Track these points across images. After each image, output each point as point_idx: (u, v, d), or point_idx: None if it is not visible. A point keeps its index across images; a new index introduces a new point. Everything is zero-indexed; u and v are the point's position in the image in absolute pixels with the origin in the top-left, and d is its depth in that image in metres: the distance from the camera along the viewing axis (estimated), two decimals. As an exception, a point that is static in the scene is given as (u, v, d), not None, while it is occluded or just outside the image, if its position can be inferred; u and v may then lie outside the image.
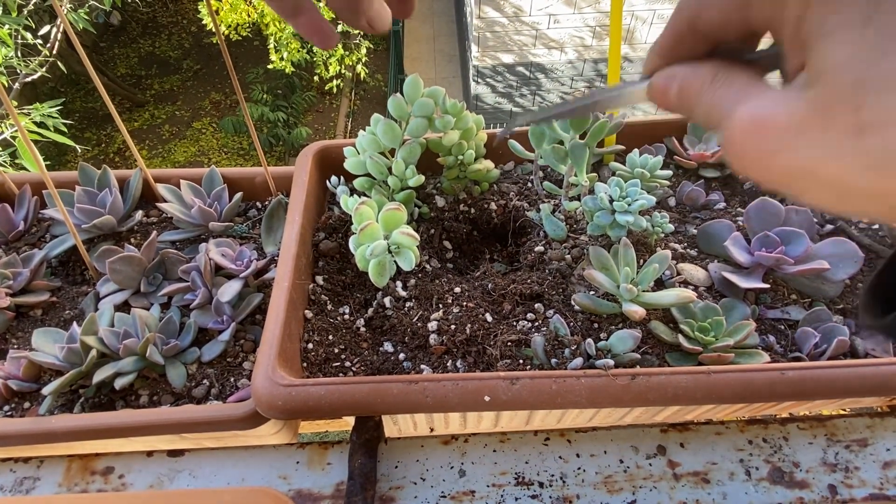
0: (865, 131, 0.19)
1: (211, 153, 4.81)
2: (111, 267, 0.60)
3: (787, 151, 0.22)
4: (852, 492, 0.52)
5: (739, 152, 0.23)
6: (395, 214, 0.49)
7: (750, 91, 0.24)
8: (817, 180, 0.22)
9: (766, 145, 0.22)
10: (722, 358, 0.50)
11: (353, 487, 0.51)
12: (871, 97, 0.19)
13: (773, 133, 0.22)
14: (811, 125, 0.21)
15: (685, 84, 0.27)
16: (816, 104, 0.21)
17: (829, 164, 0.21)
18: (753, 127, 0.23)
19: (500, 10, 4.17)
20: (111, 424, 0.50)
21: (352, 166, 0.57)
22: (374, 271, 0.49)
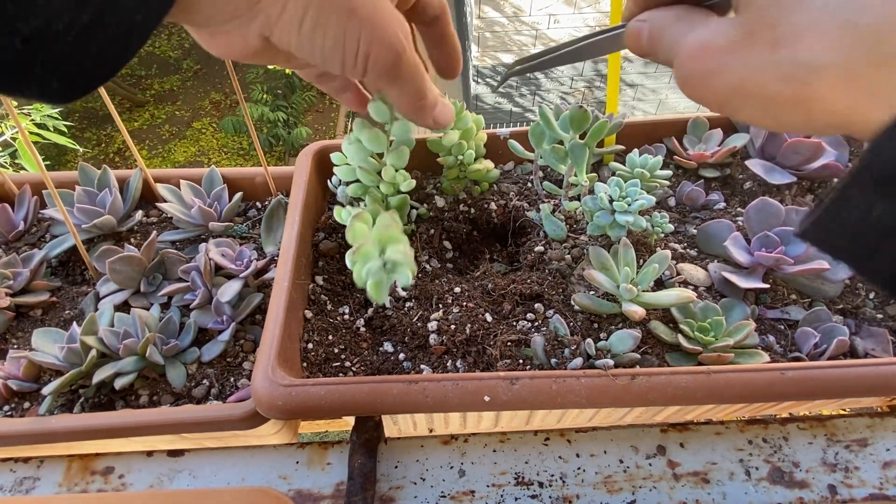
0: (779, 45, 0.22)
1: (211, 153, 4.81)
2: (111, 267, 0.60)
3: (724, 71, 0.24)
4: (852, 492, 0.52)
5: (686, 75, 0.26)
6: (388, 231, 0.49)
7: (701, 23, 0.27)
8: (746, 95, 0.24)
9: (707, 66, 0.25)
10: (722, 358, 0.50)
11: (353, 487, 0.51)
12: (784, 15, 0.22)
13: (713, 55, 0.25)
14: (741, 45, 0.24)
15: (654, 26, 0.29)
16: (744, 26, 0.24)
17: (754, 78, 0.23)
18: (697, 51, 0.26)
19: (500, 10, 4.17)
20: (111, 424, 0.50)
21: (343, 174, 0.57)
22: (372, 290, 0.50)
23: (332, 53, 0.31)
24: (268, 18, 0.29)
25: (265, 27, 0.30)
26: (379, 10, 0.31)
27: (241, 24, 0.29)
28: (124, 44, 0.25)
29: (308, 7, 0.29)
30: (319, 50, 0.31)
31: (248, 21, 0.29)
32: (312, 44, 0.31)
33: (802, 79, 0.22)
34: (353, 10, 0.30)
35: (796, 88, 0.22)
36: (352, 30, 0.30)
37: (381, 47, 0.32)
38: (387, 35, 0.31)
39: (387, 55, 0.32)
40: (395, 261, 0.48)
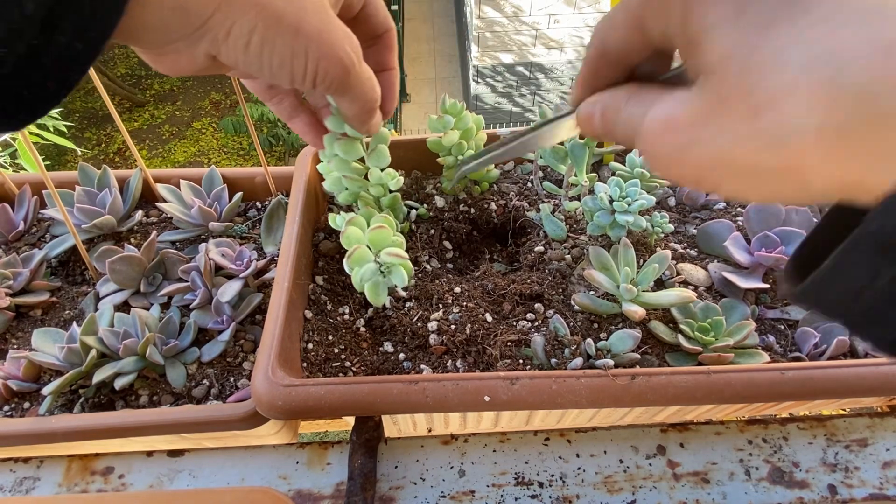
0: (759, 112, 0.20)
1: (211, 153, 4.81)
2: (111, 267, 0.60)
3: (696, 145, 0.23)
4: (852, 492, 0.52)
5: (654, 154, 0.25)
6: (381, 233, 0.50)
7: (658, 98, 0.25)
8: (727, 168, 0.22)
9: (677, 141, 0.24)
10: (722, 358, 0.50)
11: (353, 487, 0.51)
12: (758, 80, 0.20)
13: (682, 129, 0.23)
14: (712, 116, 0.22)
15: (606, 108, 0.29)
16: (713, 96, 0.22)
17: (735, 150, 0.22)
18: (662, 127, 0.24)
19: (500, 10, 4.17)
20: (111, 424, 0.50)
21: (330, 185, 0.57)
22: (370, 293, 0.50)
23: (280, 71, 0.32)
24: (214, 39, 0.29)
25: (212, 47, 0.30)
26: (326, 26, 0.31)
27: (188, 44, 0.29)
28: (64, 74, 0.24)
29: (254, 28, 0.29)
30: (267, 67, 0.31)
31: (195, 41, 0.29)
32: (260, 62, 0.31)
33: (791, 145, 0.20)
34: (299, 29, 0.30)
35: (785, 156, 0.20)
36: (299, 48, 0.31)
37: (330, 63, 0.32)
38: (334, 51, 0.32)
39: (335, 70, 0.33)
40: (390, 263, 0.48)
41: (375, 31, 0.41)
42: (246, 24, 0.29)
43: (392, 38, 0.42)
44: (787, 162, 0.20)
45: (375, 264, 0.49)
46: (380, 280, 0.50)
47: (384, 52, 0.42)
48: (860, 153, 0.19)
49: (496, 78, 4.76)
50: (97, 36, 0.24)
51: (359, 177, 0.55)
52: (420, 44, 5.80)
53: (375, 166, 0.55)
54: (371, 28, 0.40)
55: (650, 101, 0.26)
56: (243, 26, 0.29)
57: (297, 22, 0.30)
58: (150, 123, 5.04)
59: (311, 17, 0.31)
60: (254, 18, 0.29)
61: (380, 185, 0.57)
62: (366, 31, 0.40)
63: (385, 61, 0.42)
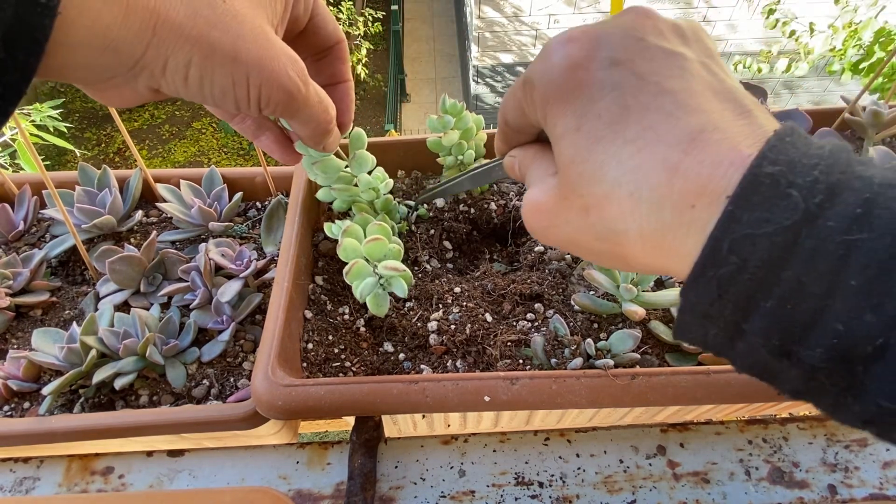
0: (589, 211, 0.26)
1: (211, 153, 4.81)
2: (111, 267, 0.60)
3: (552, 228, 0.29)
4: (852, 492, 0.52)
5: (528, 226, 0.31)
6: (377, 245, 0.50)
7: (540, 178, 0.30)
8: (576, 247, 0.29)
9: (539, 223, 0.29)
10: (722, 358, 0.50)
11: (353, 487, 0.51)
12: (586, 186, 0.26)
13: (543, 214, 0.29)
14: (561, 208, 0.28)
15: (520, 163, 0.33)
16: (561, 192, 0.28)
17: (578, 236, 0.28)
18: (532, 208, 0.30)
19: (500, 10, 4.17)
20: (111, 424, 0.50)
21: (323, 196, 0.57)
22: (372, 305, 0.51)
23: (223, 100, 0.31)
24: (152, 74, 0.29)
25: (151, 81, 0.29)
26: (265, 52, 0.31)
27: (126, 80, 0.29)
28: None
29: (189, 62, 0.29)
30: (210, 97, 0.31)
31: (132, 77, 0.29)
32: (202, 93, 0.30)
33: (613, 240, 0.26)
34: (237, 58, 0.30)
35: (611, 247, 0.26)
36: (239, 76, 0.30)
37: (273, 88, 0.32)
38: (276, 76, 0.31)
39: (279, 95, 0.32)
40: (389, 276, 0.49)
41: (325, 43, 0.40)
42: (181, 58, 0.28)
43: (343, 49, 0.41)
44: (614, 250, 0.26)
45: (374, 277, 0.50)
46: (380, 292, 0.50)
47: (336, 63, 0.41)
48: (661, 249, 0.24)
49: (496, 78, 4.76)
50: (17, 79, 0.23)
51: (348, 185, 0.56)
52: (420, 44, 5.80)
53: (360, 172, 0.55)
54: (320, 41, 0.40)
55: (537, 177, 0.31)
56: (178, 60, 0.28)
57: (234, 51, 0.29)
58: (150, 123, 5.04)
59: (249, 44, 0.30)
60: (188, 52, 0.28)
61: (370, 189, 0.57)
62: (315, 44, 0.40)
63: (338, 73, 0.42)
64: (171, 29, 0.27)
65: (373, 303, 0.50)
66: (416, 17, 6.09)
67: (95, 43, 0.25)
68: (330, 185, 0.55)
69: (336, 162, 0.51)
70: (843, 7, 2.70)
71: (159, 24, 0.27)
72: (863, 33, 2.57)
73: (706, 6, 4.16)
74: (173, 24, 0.27)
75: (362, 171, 0.55)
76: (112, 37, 0.26)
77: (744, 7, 4.15)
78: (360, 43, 4.77)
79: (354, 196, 0.57)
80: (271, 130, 0.42)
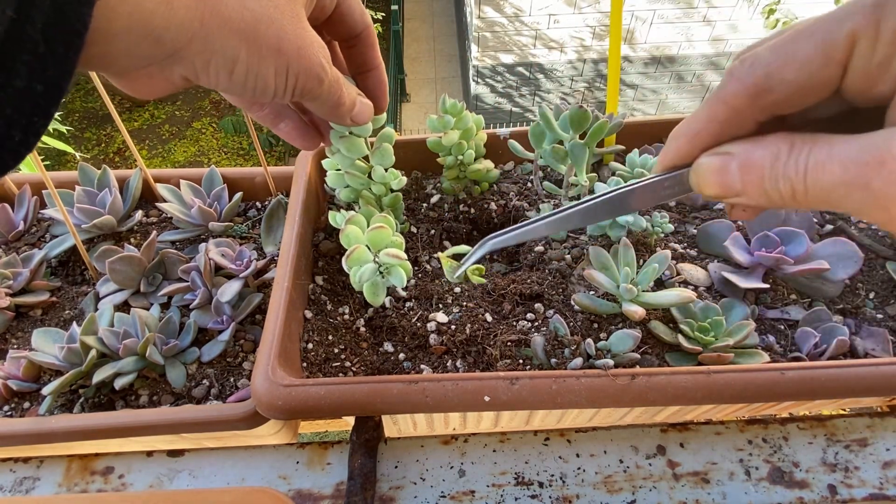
0: None
1: (211, 153, 4.81)
2: (111, 267, 0.60)
3: None
4: (852, 492, 0.52)
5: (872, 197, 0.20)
6: (380, 233, 0.50)
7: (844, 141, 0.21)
8: None
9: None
10: (722, 358, 0.50)
11: (353, 487, 0.51)
12: None
13: None
14: None
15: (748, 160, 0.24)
16: None
17: None
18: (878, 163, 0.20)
19: (500, 10, 4.17)
20: (111, 424, 0.50)
21: (333, 181, 0.57)
22: (368, 293, 0.50)
23: (263, 92, 0.32)
24: (191, 66, 0.29)
25: (189, 72, 0.29)
26: (303, 41, 0.31)
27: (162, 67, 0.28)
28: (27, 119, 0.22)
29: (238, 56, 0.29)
30: (251, 90, 0.31)
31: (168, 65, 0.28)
32: (244, 86, 0.31)
33: None
34: (280, 49, 0.30)
35: None
36: (280, 67, 0.31)
37: (308, 77, 0.33)
38: (312, 65, 0.32)
39: (312, 83, 0.33)
40: (389, 263, 0.49)
41: (353, 30, 0.40)
42: (229, 53, 0.28)
43: (371, 34, 0.41)
44: None
45: (374, 264, 0.49)
46: (378, 280, 0.50)
47: (367, 50, 0.42)
48: None
49: (496, 78, 4.75)
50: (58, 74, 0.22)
51: (362, 174, 0.56)
52: (420, 44, 5.80)
53: (379, 164, 0.55)
54: (348, 28, 0.40)
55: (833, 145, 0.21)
56: (227, 55, 0.28)
57: (278, 42, 0.30)
58: (150, 123, 5.04)
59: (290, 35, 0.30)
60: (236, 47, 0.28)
61: (382, 183, 0.57)
62: (343, 32, 0.40)
63: (369, 60, 0.42)
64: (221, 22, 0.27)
65: (369, 290, 0.50)
66: (416, 17, 6.09)
67: (137, 30, 0.25)
68: (346, 170, 0.55)
69: (361, 143, 0.51)
70: (843, 7, 2.70)
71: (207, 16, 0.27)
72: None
73: (706, 6, 4.16)
74: (222, 17, 0.27)
75: (383, 164, 0.55)
76: (155, 24, 0.25)
77: (744, 7, 4.15)
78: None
79: (364, 187, 0.57)
80: (290, 118, 0.42)
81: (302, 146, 0.45)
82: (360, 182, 0.56)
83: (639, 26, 4.27)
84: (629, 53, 4.46)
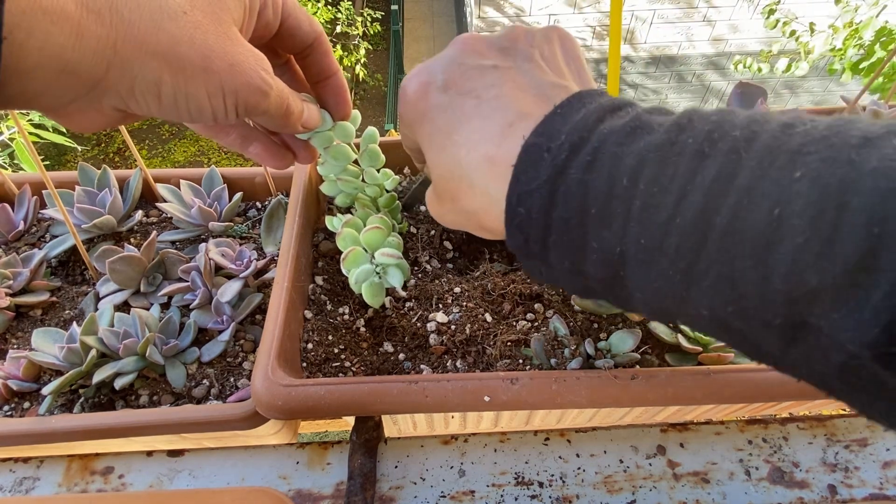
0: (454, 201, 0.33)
1: (211, 153, 4.81)
2: (111, 267, 0.60)
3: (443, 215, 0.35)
4: (852, 492, 0.52)
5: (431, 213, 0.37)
6: (375, 234, 0.50)
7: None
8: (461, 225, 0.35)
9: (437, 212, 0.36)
10: (722, 358, 0.50)
11: (353, 487, 0.51)
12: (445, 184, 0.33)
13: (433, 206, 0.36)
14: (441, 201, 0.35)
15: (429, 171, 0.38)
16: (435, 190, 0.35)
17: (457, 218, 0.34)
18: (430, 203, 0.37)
19: (501, 10, 4.17)
20: (111, 424, 0.50)
21: (327, 189, 0.57)
22: (366, 295, 0.50)
23: (201, 114, 0.31)
24: (118, 95, 0.27)
25: (118, 102, 0.28)
26: (234, 58, 0.30)
27: (89, 102, 0.27)
28: None
29: (160, 79, 0.28)
30: (186, 113, 0.30)
31: (95, 99, 0.27)
32: (177, 110, 0.30)
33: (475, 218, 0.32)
34: (208, 68, 0.29)
35: (476, 222, 0.33)
36: (213, 87, 0.30)
37: (249, 92, 0.32)
38: (250, 79, 0.31)
39: (255, 97, 0.32)
40: (385, 263, 0.49)
41: (304, 42, 0.39)
42: (150, 76, 0.27)
43: (323, 43, 0.41)
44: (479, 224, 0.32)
45: (371, 265, 0.49)
46: (375, 281, 0.50)
47: (321, 59, 0.41)
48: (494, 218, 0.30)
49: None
50: None
51: (355, 178, 0.56)
52: (420, 44, 5.79)
53: (369, 166, 0.55)
54: (299, 41, 0.39)
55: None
56: (147, 78, 0.27)
57: (204, 62, 0.29)
58: (150, 123, 5.04)
59: (217, 53, 0.29)
60: (156, 69, 0.27)
61: (376, 185, 0.57)
62: (294, 45, 0.39)
63: (325, 68, 0.42)
64: (136, 46, 0.26)
65: (368, 292, 0.50)
66: (416, 17, 6.09)
67: (50, 65, 0.24)
68: (337, 177, 0.55)
69: (347, 149, 0.50)
70: (843, 7, 2.69)
71: (120, 42, 0.26)
72: (863, 33, 2.57)
73: (707, 6, 4.16)
74: (136, 41, 0.26)
75: (372, 166, 0.55)
76: (67, 58, 0.24)
77: (744, 7, 4.15)
78: (358, 43, 4.77)
79: (359, 189, 0.57)
80: (259, 140, 0.41)
81: (274, 167, 0.44)
82: (353, 186, 0.56)
83: (639, 26, 4.27)
84: (630, 53, 4.46)
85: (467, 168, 0.30)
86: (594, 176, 0.25)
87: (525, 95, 0.30)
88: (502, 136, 0.29)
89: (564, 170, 0.26)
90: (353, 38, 4.74)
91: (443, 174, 0.32)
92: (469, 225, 0.34)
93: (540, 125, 0.28)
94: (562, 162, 0.26)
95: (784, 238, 0.20)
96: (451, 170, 0.31)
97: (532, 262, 0.30)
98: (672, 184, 0.23)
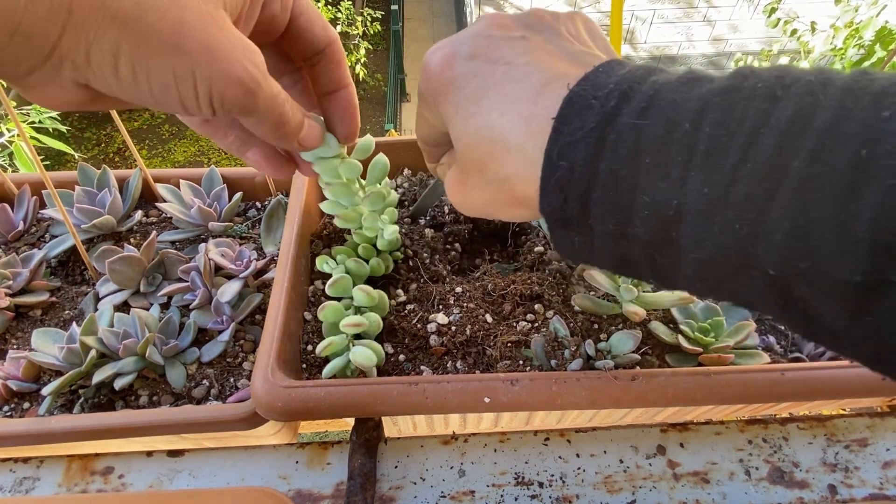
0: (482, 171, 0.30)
1: (211, 153, 4.81)
2: (111, 267, 0.60)
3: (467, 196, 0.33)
4: (852, 492, 0.52)
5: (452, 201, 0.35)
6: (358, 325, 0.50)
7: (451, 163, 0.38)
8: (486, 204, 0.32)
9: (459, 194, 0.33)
10: (722, 359, 0.50)
11: (353, 487, 0.51)
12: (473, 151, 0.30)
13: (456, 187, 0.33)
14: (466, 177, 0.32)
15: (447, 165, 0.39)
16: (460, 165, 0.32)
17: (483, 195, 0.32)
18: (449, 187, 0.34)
19: (501, 10, 4.16)
20: (111, 425, 0.50)
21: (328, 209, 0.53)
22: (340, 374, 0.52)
23: (165, 97, 0.27)
24: (74, 65, 0.25)
25: (76, 74, 0.25)
26: (214, 40, 0.26)
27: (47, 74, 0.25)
28: None
29: (118, 50, 0.24)
30: (149, 95, 0.27)
31: (53, 70, 0.25)
32: (138, 89, 0.26)
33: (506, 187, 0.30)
34: (178, 46, 0.25)
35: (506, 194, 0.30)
36: (181, 69, 0.26)
37: (227, 84, 0.27)
38: (231, 69, 0.27)
39: (234, 91, 0.28)
40: (359, 363, 0.49)
41: (315, 46, 0.36)
42: (106, 45, 0.24)
43: (337, 51, 0.37)
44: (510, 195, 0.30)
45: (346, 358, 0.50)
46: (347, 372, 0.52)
47: (333, 68, 0.37)
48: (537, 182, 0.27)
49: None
50: None
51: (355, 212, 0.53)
52: (420, 44, 5.79)
53: (371, 210, 0.52)
54: (309, 44, 0.36)
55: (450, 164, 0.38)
56: (103, 47, 0.24)
57: (175, 38, 0.25)
58: (150, 123, 5.04)
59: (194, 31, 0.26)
60: (115, 37, 0.24)
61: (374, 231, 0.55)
62: (304, 49, 0.36)
63: (336, 79, 0.38)
64: (94, 8, 0.23)
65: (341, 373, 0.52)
66: (416, 17, 6.09)
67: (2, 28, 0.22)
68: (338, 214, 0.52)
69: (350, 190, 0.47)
70: (844, 7, 2.69)
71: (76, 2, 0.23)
72: (864, 32, 2.57)
73: (707, 6, 4.15)
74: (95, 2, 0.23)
75: (374, 207, 0.51)
76: (19, 19, 0.22)
77: (745, 7, 4.15)
78: (358, 43, 4.77)
79: (357, 224, 0.55)
80: (258, 145, 0.37)
81: (274, 175, 0.41)
82: (352, 219, 0.53)
83: (639, 26, 4.27)
84: (630, 53, 4.45)
85: (500, 130, 0.28)
86: (650, 122, 0.23)
87: (559, 60, 0.29)
88: (539, 94, 0.27)
89: (615, 116, 0.24)
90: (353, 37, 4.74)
91: (470, 143, 0.30)
92: (498, 199, 0.31)
93: (583, 79, 0.26)
94: (611, 108, 0.24)
95: (871, 180, 0.18)
96: (481, 134, 0.29)
97: (566, 230, 0.27)
98: (741, 126, 0.21)
